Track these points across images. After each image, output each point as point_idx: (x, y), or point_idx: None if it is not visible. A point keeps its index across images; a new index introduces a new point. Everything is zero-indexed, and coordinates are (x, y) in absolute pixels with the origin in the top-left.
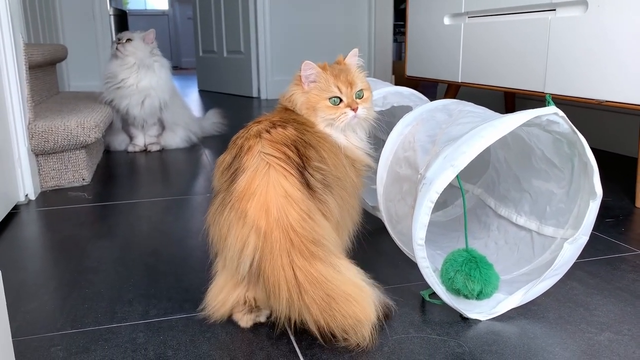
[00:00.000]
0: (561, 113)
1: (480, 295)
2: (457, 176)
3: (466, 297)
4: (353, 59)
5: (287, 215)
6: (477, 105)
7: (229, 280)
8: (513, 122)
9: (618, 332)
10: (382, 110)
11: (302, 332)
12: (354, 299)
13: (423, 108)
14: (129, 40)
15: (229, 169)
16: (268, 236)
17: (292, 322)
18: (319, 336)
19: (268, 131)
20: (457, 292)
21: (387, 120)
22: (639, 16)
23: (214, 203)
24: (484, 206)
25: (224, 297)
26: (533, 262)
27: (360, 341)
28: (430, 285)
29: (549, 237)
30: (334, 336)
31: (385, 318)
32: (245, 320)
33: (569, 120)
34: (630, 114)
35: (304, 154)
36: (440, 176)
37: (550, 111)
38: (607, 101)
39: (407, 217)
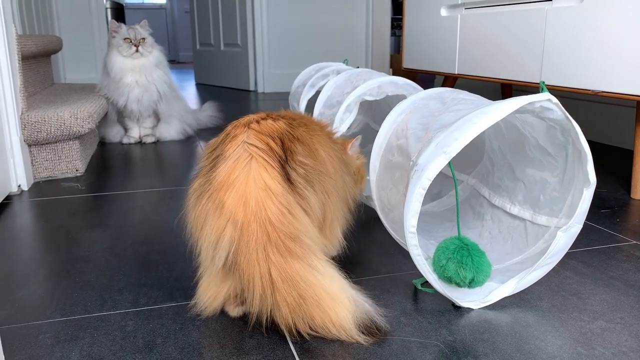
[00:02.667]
0: (555, 99)
1: (472, 283)
2: (449, 163)
3: (458, 285)
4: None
5: (265, 208)
6: (470, 94)
7: (216, 274)
8: (506, 109)
9: (611, 320)
10: (376, 100)
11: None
12: (326, 305)
13: (416, 96)
14: (143, 39)
15: (212, 152)
16: (245, 229)
17: (265, 318)
18: (287, 335)
19: (258, 122)
20: (449, 280)
21: (382, 109)
22: (634, 6)
23: (193, 185)
24: (478, 196)
25: (214, 292)
26: (526, 251)
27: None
28: (422, 273)
29: (542, 226)
30: (301, 336)
31: (368, 333)
32: (236, 311)
33: (562, 107)
34: (627, 105)
35: (289, 148)
36: (432, 163)
37: (544, 97)
38: (602, 92)
39: (399, 204)
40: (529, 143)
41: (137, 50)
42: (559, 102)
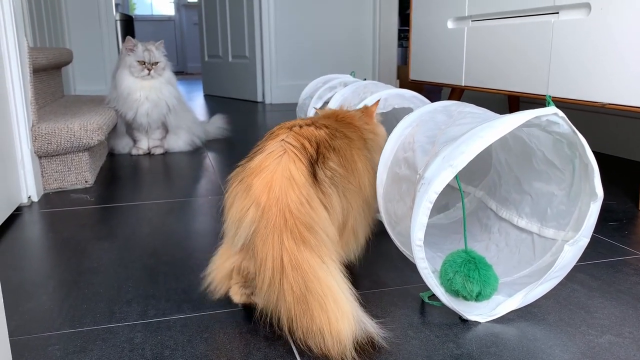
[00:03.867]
0: (561, 113)
1: (479, 297)
2: (456, 176)
3: (465, 298)
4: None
5: (287, 195)
6: (477, 107)
7: (229, 248)
8: (512, 123)
9: (619, 334)
10: (382, 112)
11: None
12: (328, 305)
13: (423, 109)
14: (156, 63)
15: (255, 148)
16: (266, 211)
17: (269, 313)
18: (286, 331)
19: (301, 126)
20: (456, 293)
21: (389, 122)
22: None
23: (233, 173)
24: (485, 208)
25: (222, 261)
26: (533, 265)
27: (322, 353)
28: (429, 286)
29: (549, 239)
30: (292, 333)
31: (362, 353)
32: (239, 294)
33: (568, 121)
34: (634, 117)
35: (322, 153)
36: (439, 176)
37: (550, 111)
38: (610, 104)
39: (405, 217)
40: (536, 156)
41: (149, 74)
42: (565, 116)
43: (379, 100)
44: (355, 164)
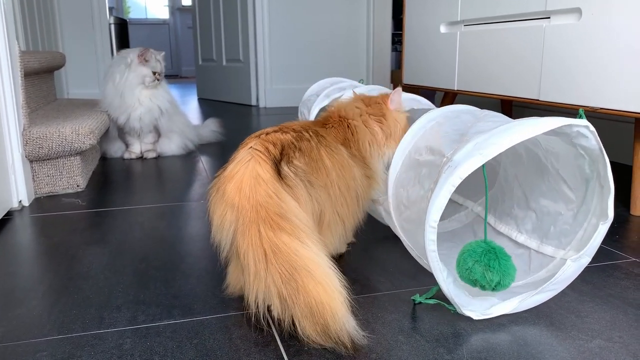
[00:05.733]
0: (592, 128)
1: (497, 286)
2: (482, 166)
3: (483, 287)
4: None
5: (256, 192)
6: (498, 113)
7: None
8: (546, 125)
9: (609, 339)
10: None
11: (290, 338)
12: (319, 276)
13: (447, 108)
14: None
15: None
16: (240, 209)
17: (261, 301)
18: (279, 308)
19: (267, 133)
20: (474, 282)
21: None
22: (631, 23)
23: (212, 184)
24: (482, 222)
25: (238, 274)
26: (527, 278)
27: (320, 331)
28: (434, 270)
29: (547, 256)
30: (294, 324)
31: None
32: None
33: (598, 138)
34: (625, 121)
35: (287, 153)
36: (467, 162)
37: (583, 123)
38: (601, 108)
39: (420, 200)
40: (549, 173)
41: (158, 83)
42: (595, 132)
43: (399, 89)
44: (321, 161)
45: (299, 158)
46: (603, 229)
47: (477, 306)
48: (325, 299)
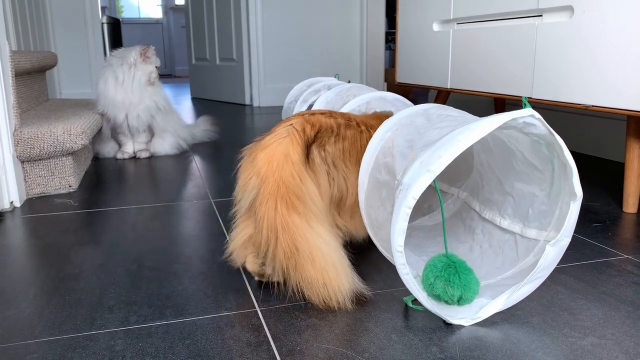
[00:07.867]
0: (537, 115)
1: (460, 301)
2: (434, 181)
3: (447, 302)
4: None
5: (282, 169)
6: (457, 110)
7: (245, 218)
8: (489, 126)
9: (602, 336)
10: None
11: (283, 337)
12: (319, 264)
13: (403, 113)
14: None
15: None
16: (264, 180)
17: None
18: (283, 275)
19: (314, 114)
20: (437, 297)
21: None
22: (623, 21)
23: (246, 150)
24: (469, 209)
25: (240, 230)
26: (517, 265)
27: (319, 303)
28: (412, 291)
29: (532, 240)
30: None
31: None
32: (252, 263)
33: (545, 122)
34: (617, 119)
35: (321, 137)
36: (417, 182)
37: (526, 113)
38: (593, 106)
39: (387, 223)
40: (516, 157)
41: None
42: (541, 118)
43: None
44: (359, 153)
45: (334, 144)
46: (574, 207)
47: (466, 312)
48: (321, 280)
